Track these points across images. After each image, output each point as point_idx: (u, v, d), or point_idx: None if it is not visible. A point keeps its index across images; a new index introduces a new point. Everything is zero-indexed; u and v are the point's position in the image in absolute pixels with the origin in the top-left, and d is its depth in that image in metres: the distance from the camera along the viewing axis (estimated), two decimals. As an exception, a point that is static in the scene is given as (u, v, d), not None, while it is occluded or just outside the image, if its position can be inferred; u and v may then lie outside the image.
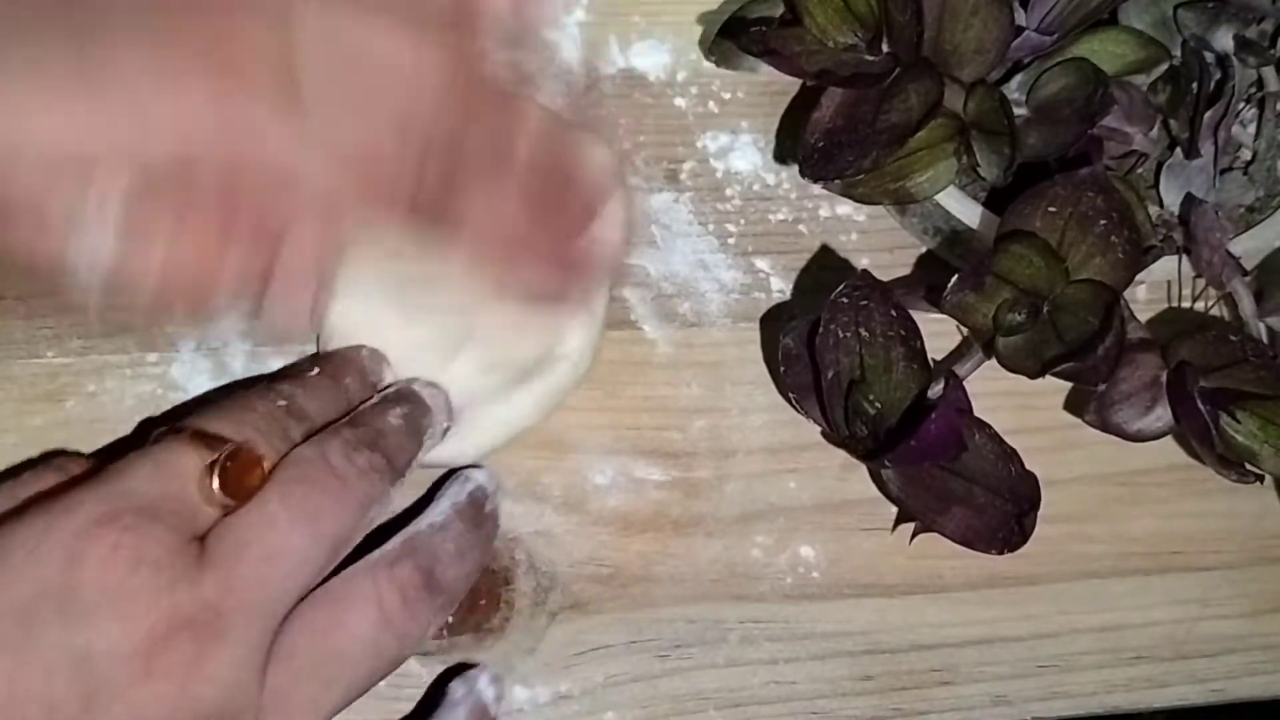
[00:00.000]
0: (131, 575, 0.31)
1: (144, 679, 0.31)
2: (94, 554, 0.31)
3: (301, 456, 0.35)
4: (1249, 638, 0.44)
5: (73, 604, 0.31)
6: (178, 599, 0.32)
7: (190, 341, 0.42)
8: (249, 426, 0.35)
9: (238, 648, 0.32)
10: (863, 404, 0.38)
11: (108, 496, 0.33)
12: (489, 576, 0.42)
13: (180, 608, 0.32)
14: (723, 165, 0.45)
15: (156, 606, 0.31)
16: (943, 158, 0.38)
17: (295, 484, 0.34)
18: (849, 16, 0.38)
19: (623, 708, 0.42)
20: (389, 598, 0.35)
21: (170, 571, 0.32)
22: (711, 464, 0.43)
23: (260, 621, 0.33)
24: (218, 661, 0.32)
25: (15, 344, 0.41)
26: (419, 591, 0.36)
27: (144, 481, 0.33)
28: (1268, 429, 0.38)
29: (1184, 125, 0.41)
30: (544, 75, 0.44)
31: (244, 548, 0.33)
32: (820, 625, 0.43)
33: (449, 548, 0.37)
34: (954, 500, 0.39)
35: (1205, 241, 0.40)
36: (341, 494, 0.34)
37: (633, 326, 0.44)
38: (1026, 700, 0.43)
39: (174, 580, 0.32)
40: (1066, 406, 0.44)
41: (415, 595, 0.36)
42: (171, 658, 0.31)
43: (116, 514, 0.32)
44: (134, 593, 0.31)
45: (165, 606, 0.31)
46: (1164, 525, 0.45)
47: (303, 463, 0.35)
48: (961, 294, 0.38)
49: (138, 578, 0.31)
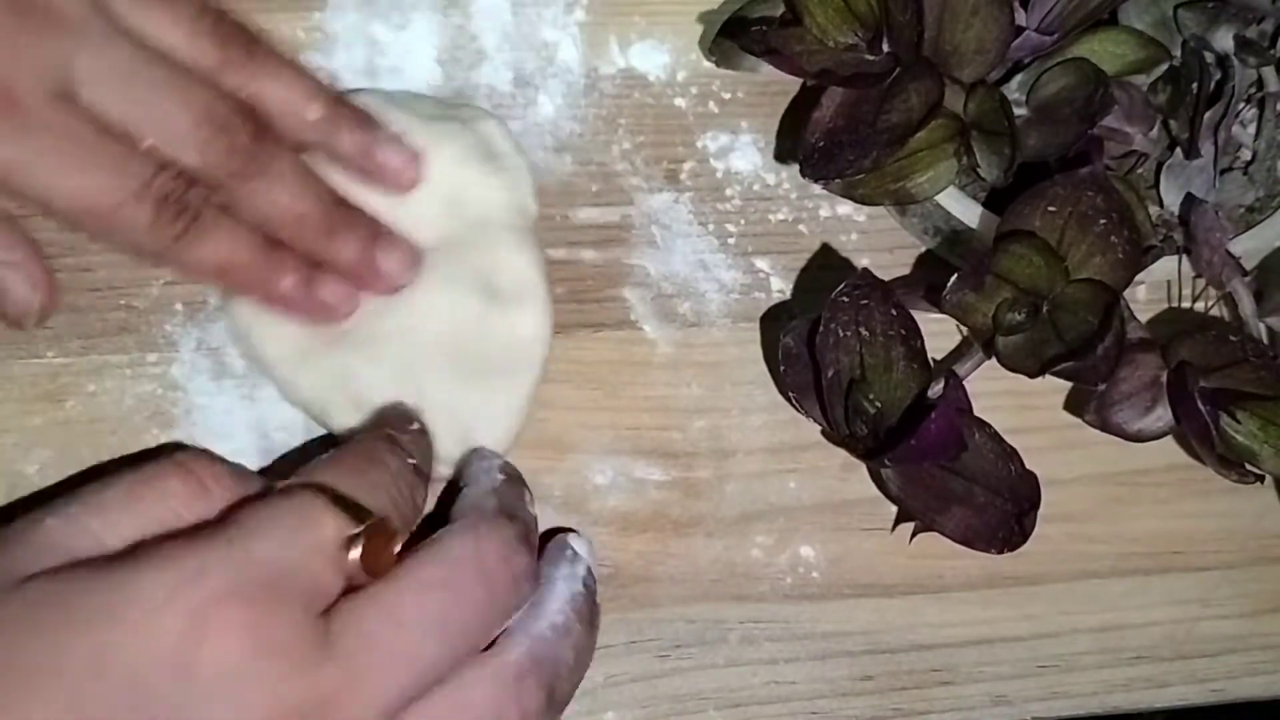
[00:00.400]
0: (253, 659, 0.30)
1: None
2: (217, 630, 0.30)
3: (449, 551, 0.33)
4: (1249, 638, 0.44)
5: (188, 680, 0.30)
6: (295, 688, 0.30)
7: (190, 341, 0.42)
8: (384, 493, 0.34)
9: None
10: (863, 403, 0.38)
11: (239, 564, 0.31)
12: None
13: (300, 698, 0.30)
14: (723, 165, 0.45)
15: (275, 693, 0.30)
16: (943, 158, 0.38)
17: (438, 589, 0.32)
18: (849, 16, 0.38)
19: (623, 708, 0.42)
20: (510, 715, 0.33)
21: (293, 657, 0.30)
22: (711, 464, 0.43)
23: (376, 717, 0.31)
24: None
25: (15, 344, 0.41)
26: (541, 711, 0.34)
27: (278, 548, 0.31)
28: (1268, 429, 0.38)
29: (1184, 125, 0.41)
30: (544, 76, 0.44)
31: (371, 643, 0.31)
32: (820, 625, 0.43)
33: (569, 658, 0.36)
34: (954, 500, 0.39)
35: (1205, 241, 0.40)
36: (484, 604, 0.33)
37: (633, 326, 0.44)
38: (1026, 700, 0.43)
39: (296, 666, 0.30)
40: (1066, 406, 0.44)
41: (536, 713, 0.34)
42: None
43: (244, 585, 0.30)
44: (253, 678, 0.30)
45: (284, 695, 0.30)
46: (1164, 525, 0.45)
47: (449, 561, 0.33)
48: (961, 293, 0.38)
49: (259, 662, 0.30)
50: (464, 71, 0.44)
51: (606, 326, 0.43)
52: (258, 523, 0.32)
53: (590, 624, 0.37)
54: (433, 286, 0.40)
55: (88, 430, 0.41)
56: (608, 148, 0.44)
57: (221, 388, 0.41)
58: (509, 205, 0.41)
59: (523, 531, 0.35)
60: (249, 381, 0.41)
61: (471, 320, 0.40)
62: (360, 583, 0.32)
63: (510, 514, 0.36)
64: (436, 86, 0.44)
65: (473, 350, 0.40)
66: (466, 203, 0.41)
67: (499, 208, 0.41)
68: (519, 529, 0.35)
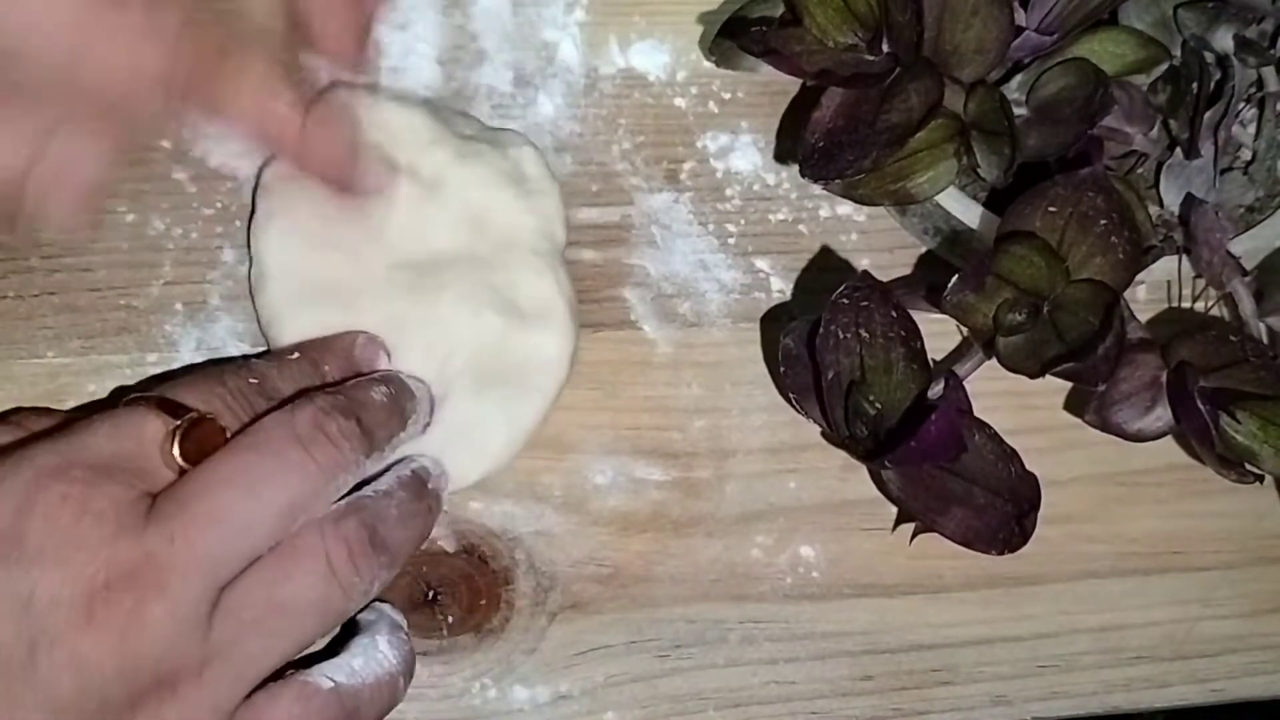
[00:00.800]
0: (75, 525, 0.32)
1: (85, 627, 0.32)
2: (42, 503, 0.33)
3: (264, 424, 0.36)
4: (1249, 638, 0.44)
5: (18, 551, 0.32)
6: (119, 550, 0.32)
7: (190, 341, 0.42)
8: (216, 399, 0.36)
9: (178, 602, 0.33)
10: (863, 404, 0.38)
11: (62, 451, 0.34)
12: (489, 576, 0.42)
13: (121, 559, 0.33)
14: (723, 165, 0.45)
15: (98, 557, 0.32)
16: (943, 158, 0.38)
17: (250, 451, 0.35)
18: (849, 16, 0.38)
19: (623, 708, 0.42)
20: (335, 551, 0.35)
21: (115, 525, 0.33)
22: (711, 464, 0.43)
23: (202, 578, 0.33)
24: (157, 613, 0.33)
25: (15, 344, 0.41)
26: (363, 547, 0.36)
27: (101, 439, 0.34)
28: (1268, 429, 0.38)
29: (1184, 125, 0.41)
30: (544, 76, 0.44)
31: (187, 506, 0.33)
32: (820, 625, 0.43)
33: (392, 512, 0.37)
34: (954, 500, 0.39)
35: (1205, 241, 0.40)
36: (302, 461, 0.35)
37: (633, 326, 0.44)
38: (1026, 700, 0.43)
39: (117, 533, 0.33)
40: (1066, 406, 0.44)
41: (360, 550, 0.36)
42: (112, 608, 0.32)
43: (68, 466, 0.33)
44: (77, 543, 0.32)
45: (106, 557, 0.32)
46: (1164, 525, 0.45)
47: (264, 430, 0.35)
48: (962, 294, 0.38)
49: (81, 528, 0.32)
50: (464, 71, 0.44)
51: (606, 326, 0.43)
52: (86, 422, 0.35)
53: (416, 494, 0.38)
54: (456, 302, 0.40)
55: (88, 430, 0.41)
56: (608, 148, 0.44)
57: (221, 388, 0.42)
58: (537, 230, 0.41)
59: (341, 403, 0.37)
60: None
61: (493, 337, 0.40)
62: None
63: (331, 394, 0.37)
64: (436, 86, 0.44)
65: (492, 367, 0.41)
66: (492, 225, 0.41)
67: (527, 231, 0.41)
68: (336, 400, 0.37)
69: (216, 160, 0.42)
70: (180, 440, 0.34)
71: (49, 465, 0.33)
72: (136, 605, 0.32)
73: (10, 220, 0.36)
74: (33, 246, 0.41)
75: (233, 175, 0.42)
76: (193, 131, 0.42)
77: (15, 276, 0.41)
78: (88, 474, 0.33)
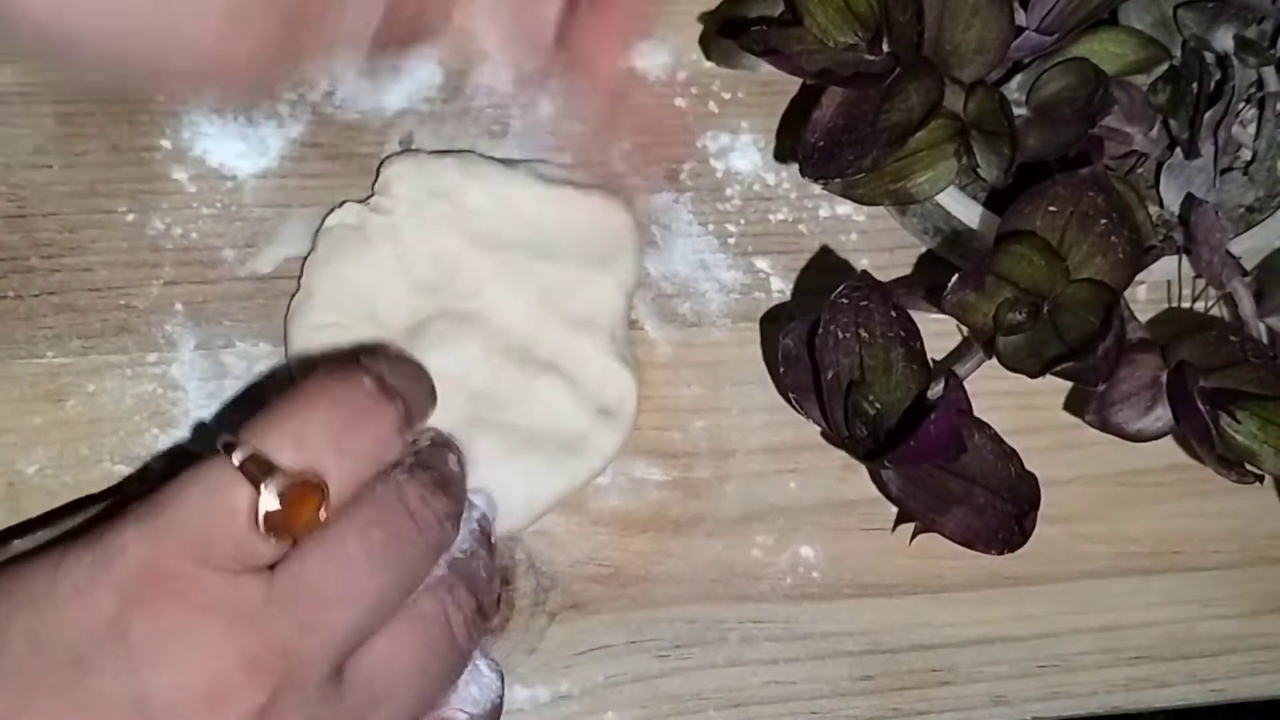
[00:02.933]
0: (183, 621, 0.31)
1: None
2: (148, 600, 0.31)
3: (378, 497, 0.34)
4: (1249, 638, 0.44)
5: (127, 651, 0.31)
6: (239, 644, 0.31)
7: (190, 341, 0.42)
8: (309, 445, 0.33)
9: (310, 686, 0.32)
10: (862, 404, 0.38)
11: (155, 535, 0.32)
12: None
13: (243, 652, 0.31)
14: (723, 165, 0.45)
15: (213, 653, 0.31)
16: (943, 158, 0.38)
17: (374, 527, 0.33)
18: (849, 16, 0.38)
19: (623, 708, 0.42)
20: (455, 619, 0.35)
21: (227, 617, 0.31)
22: (711, 464, 0.43)
23: (333, 660, 0.33)
24: (291, 701, 0.32)
25: (15, 344, 0.41)
26: (474, 613, 0.36)
27: (193, 514, 0.32)
28: (1268, 429, 0.38)
29: (1184, 125, 0.41)
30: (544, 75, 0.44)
31: (319, 591, 0.32)
32: (820, 625, 0.43)
33: (482, 574, 0.37)
34: (954, 500, 0.39)
35: (1205, 241, 0.40)
36: (417, 540, 0.34)
37: (633, 326, 0.43)
38: (1026, 700, 0.43)
39: (231, 626, 0.31)
40: (1066, 406, 0.44)
41: (472, 617, 0.36)
42: (240, 705, 0.31)
43: (165, 557, 0.31)
44: (190, 638, 0.31)
45: (224, 652, 0.31)
46: (1164, 525, 0.45)
47: (380, 505, 0.34)
48: (962, 294, 0.38)
49: (190, 624, 0.31)
50: (464, 72, 0.44)
51: (606, 326, 0.43)
52: (169, 497, 0.32)
53: (489, 549, 0.39)
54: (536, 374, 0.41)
55: (88, 430, 0.41)
56: (608, 148, 0.44)
57: (222, 388, 0.42)
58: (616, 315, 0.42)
59: (439, 478, 0.36)
60: (249, 382, 0.42)
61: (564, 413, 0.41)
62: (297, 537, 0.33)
63: (425, 466, 0.36)
64: (437, 85, 0.44)
65: (549, 437, 0.41)
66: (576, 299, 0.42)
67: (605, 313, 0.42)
68: (434, 475, 0.36)
69: (216, 160, 0.42)
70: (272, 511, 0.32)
71: (144, 557, 0.31)
72: (270, 699, 0.31)
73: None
74: (32, 246, 0.41)
75: (233, 175, 0.42)
76: (193, 132, 0.42)
77: (15, 276, 0.41)
78: (187, 561, 0.31)
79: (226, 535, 0.32)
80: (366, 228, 0.41)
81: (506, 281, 0.41)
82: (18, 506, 0.40)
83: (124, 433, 0.41)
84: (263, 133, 0.43)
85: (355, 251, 0.41)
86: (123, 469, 0.41)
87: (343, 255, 0.41)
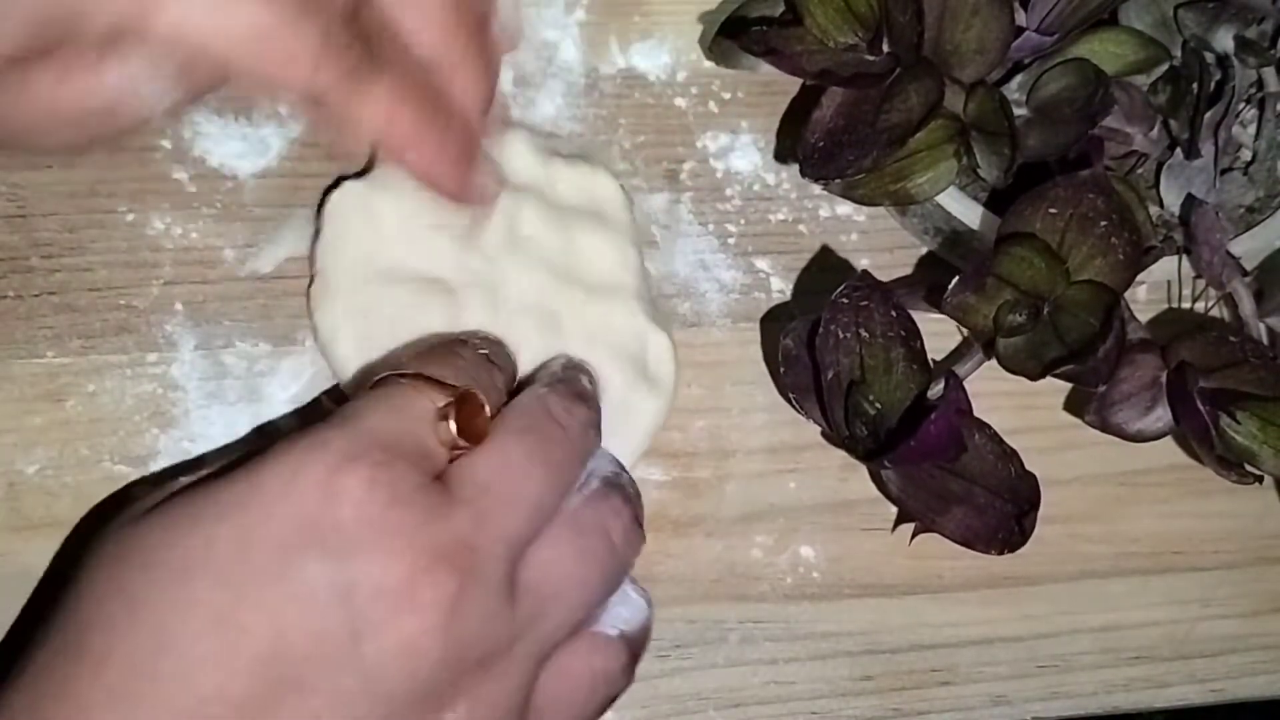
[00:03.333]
0: (389, 510, 0.32)
1: (408, 613, 0.32)
2: (350, 489, 0.32)
3: (527, 407, 0.37)
4: (1249, 638, 0.44)
5: (334, 539, 0.32)
6: (435, 534, 0.33)
7: (190, 341, 0.42)
8: (465, 373, 0.36)
9: (491, 583, 0.33)
10: (863, 404, 0.38)
11: (353, 434, 0.33)
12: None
13: (438, 543, 0.33)
14: (723, 165, 0.45)
15: (416, 542, 0.32)
16: (943, 158, 0.38)
17: (528, 433, 0.36)
18: (849, 16, 0.38)
19: (623, 708, 0.42)
20: (614, 526, 0.37)
21: (423, 509, 0.33)
22: (711, 464, 0.43)
23: (508, 558, 0.34)
24: (475, 594, 0.33)
25: (15, 344, 0.41)
26: (631, 523, 0.37)
27: (384, 420, 0.34)
28: (1268, 429, 0.38)
29: (1184, 125, 0.41)
30: (544, 76, 0.44)
31: (488, 488, 0.34)
32: (820, 625, 0.43)
33: (633, 490, 0.39)
34: (954, 500, 0.39)
35: (1205, 242, 0.40)
36: (565, 444, 0.36)
37: (633, 326, 0.43)
38: (1026, 700, 0.43)
39: (427, 518, 0.33)
40: (1066, 407, 0.44)
41: (630, 524, 0.37)
42: (434, 592, 0.32)
43: (364, 450, 0.33)
44: (394, 528, 0.32)
45: (424, 542, 0.32)
46: (1164, 525, 0.45)
47: (529, 413, 0.36)
48: (962, 295, 0.38)
49: (395, 513, 0.32)
50: (464, 71, 0.44)
51: (606, 327, 0.43)
52: (360, 406, 0.35)
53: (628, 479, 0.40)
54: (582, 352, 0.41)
55: (88, 430, 0.41)
56: (608, 148, 0.44)
57: (222, 388, 0.42)
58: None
59: (577, 390, 0.38)
60: (249, 382, 0.42)
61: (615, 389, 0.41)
62: (462, 450, 0.35)
63: (562, 380, 0.39)
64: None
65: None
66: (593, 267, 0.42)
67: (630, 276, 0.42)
68: (571, 388, 0.38)
69: (216, 160, 0.42)
70: (447, 419, 0.35)
71: (346, 450, 0.33)
72: (459, 588, 0.32)
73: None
74: (32, 246, 0.41)
75: (233, 175, 0.42)
76: (193, 131, 0.42)
77: (15, 276, 0.41)
78: (386, 457, 0.33)
79: (414, 440, 0.34)
80: (371, 203, 0.41)
81: (520, 248, 0.41)
82: (18, 506, 0.40)
83: (124, 433, 0.41)
84: (263, 133, 0.43)
85: (363, 229, 0.41)
86: (123, 469, 0.41)
87: (352, 235, 0.41)
